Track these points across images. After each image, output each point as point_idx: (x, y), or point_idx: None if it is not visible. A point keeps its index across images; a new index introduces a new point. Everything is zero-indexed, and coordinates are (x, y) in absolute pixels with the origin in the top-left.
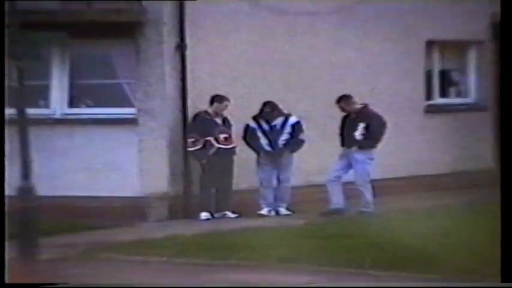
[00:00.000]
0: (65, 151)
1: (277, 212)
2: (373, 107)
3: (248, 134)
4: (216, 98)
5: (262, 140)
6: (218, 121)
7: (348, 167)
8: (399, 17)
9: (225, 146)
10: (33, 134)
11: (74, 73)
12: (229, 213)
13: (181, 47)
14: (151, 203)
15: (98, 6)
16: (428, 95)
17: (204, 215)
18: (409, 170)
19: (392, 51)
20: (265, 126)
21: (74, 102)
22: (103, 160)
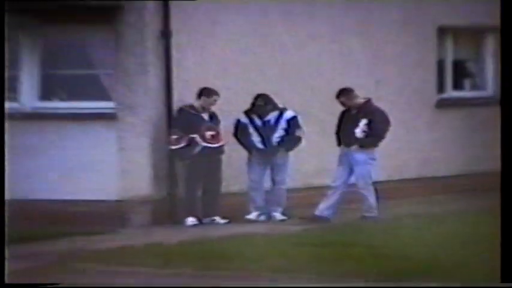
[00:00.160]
0: (35, 149)
1: (271, 217)
2: (378, 101)
3: (239, 130)
4: (204, 92)
5: (254, 137)
6: (205, 117)
7: (351, 172)
8: (407, 0)
9: (212, 144)
10: None
11: (45, 63)
12: (219, 219)
13: (165, 34)
14: (132, 207)
15: None
16: (440, 88)
17: (190, 221)
18: (417, 171)
19: (400, 39)
20: (257, 122)
21: (45, 95)
22: (78, 160)
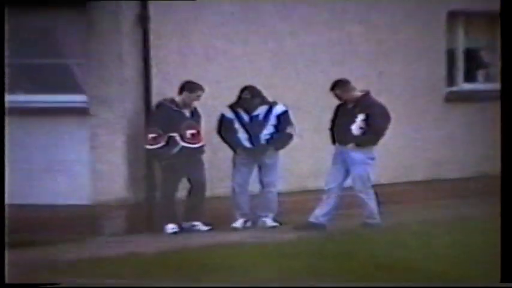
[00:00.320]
0: None
1: (259, 224)
2: (381, 94)
3: (223, 127)
4: (186, 86)
5: (241, 134)
6: (186, 113)
7: (347, 173)
8: None
9: (191, 144)
10: None
11: (9, 50)
12: (200, 225)
13: (142, 19)
14: (105, 212)
15: None
16: (450, 80)
17: (170, 228)
18: (424, 172)
19: (406, 26)
20: (244, 117)
21: (8, 87)
22: (46, 159)
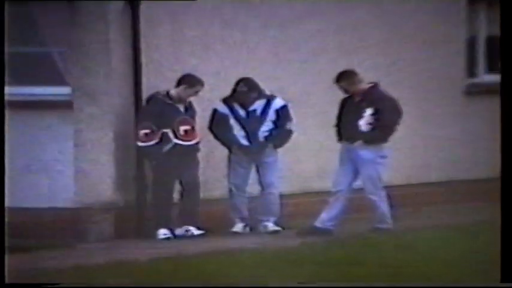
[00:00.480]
0: None
1: (259, 229)
2: (393, 86)
3: (216, 123)
4: (185, 79)
5: (237, 131)
6: (180, 108)
7: (355, 174)
8: None
9: (185, 141)
10: None
11: None
12: (193, 229)
13: (132, 4)
14: (91, 216)
15: None
16: (471, 71)
17: (162, 233)
18: (441, 173)
19: (421, 11)
20: (240, 112)
21: None
22: (25, 158)
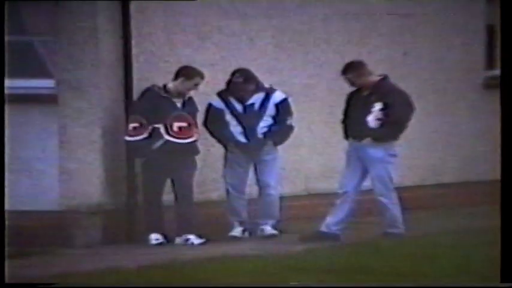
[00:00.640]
0: None
1: (257, 233)
2: (405, 79)
3: (211, 118)
4: (182, 72)
5: (233, 127)
6: (177, 103)
7: (364, 174)
8: None
9: (178, 139)
10: None
11: None
12: (193, 238)
13: None
14: (78, 220)
15: None
16: (490, 63)
17: (154, 238)
18: (457, 173)
19: None
20: (236, 106)
21: None
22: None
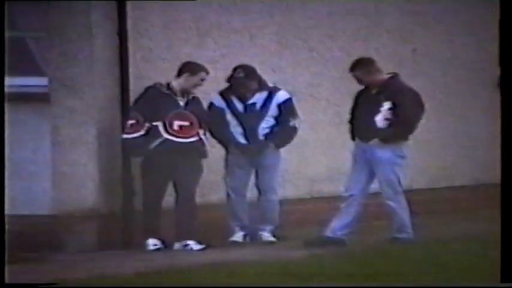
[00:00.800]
0: None
1: (254, 238)
2: (415, 78)
3: (212, 118)
4: (186, 67)
5: (233, 127)
6: (179, 101)
7: (371, 176)
8: None
9: (178, 138)
10: None
11: None
12: (192, 244)
13: None
14: (71, 225)
15: None
16: None
17: (151, 244)
18: (470, 175)
19: None
20: (237, 106)
21: None
22: None
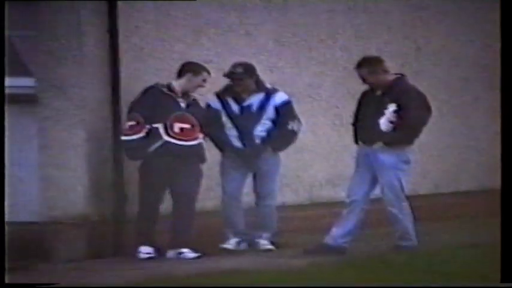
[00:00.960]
0: None
1: (254, 245)
2: (418, 78)
3: (208, 119)
4: (186, 68)
5: (229, 130)
6: (181, 103)
7: (374, 181)
8: None
9: (179, 141)
10: None
11: None
12: (187, 251)
13: None
14: (60, 232)
15: None
16: None
17: (144, 252)
18: (476, 180)
19: None
20: (232, 107)
21: None
22: None
